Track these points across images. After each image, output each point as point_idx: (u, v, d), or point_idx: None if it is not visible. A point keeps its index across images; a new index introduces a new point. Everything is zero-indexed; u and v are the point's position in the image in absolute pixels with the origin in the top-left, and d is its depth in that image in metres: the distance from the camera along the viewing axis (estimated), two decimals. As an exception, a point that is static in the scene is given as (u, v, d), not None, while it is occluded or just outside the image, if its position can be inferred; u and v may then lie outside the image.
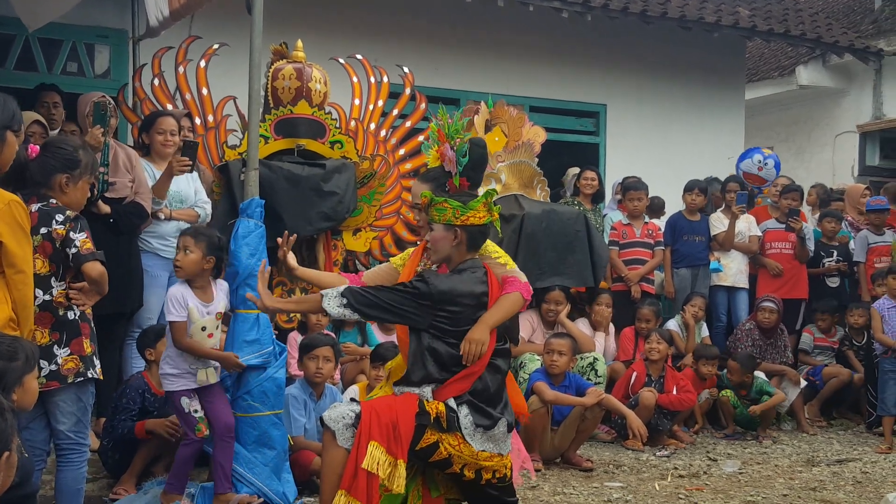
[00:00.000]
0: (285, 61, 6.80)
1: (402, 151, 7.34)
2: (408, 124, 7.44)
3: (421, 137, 7.35)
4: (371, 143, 7.13)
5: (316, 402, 5.66)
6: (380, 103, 7.26)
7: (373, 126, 7.19)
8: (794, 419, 8.29)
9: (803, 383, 8.35)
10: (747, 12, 11.52)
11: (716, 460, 6.84)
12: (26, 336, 3.74)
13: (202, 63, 6.75)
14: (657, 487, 5.97)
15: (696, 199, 8.96)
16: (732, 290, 9.06)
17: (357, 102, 7.18)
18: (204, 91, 6.73)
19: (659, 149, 11.10)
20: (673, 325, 8.39)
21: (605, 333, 8.04)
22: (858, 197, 10.20)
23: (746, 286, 9.10)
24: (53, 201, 4.09)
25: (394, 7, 9.67)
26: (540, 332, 7.59)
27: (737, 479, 6.28)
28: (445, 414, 4.05)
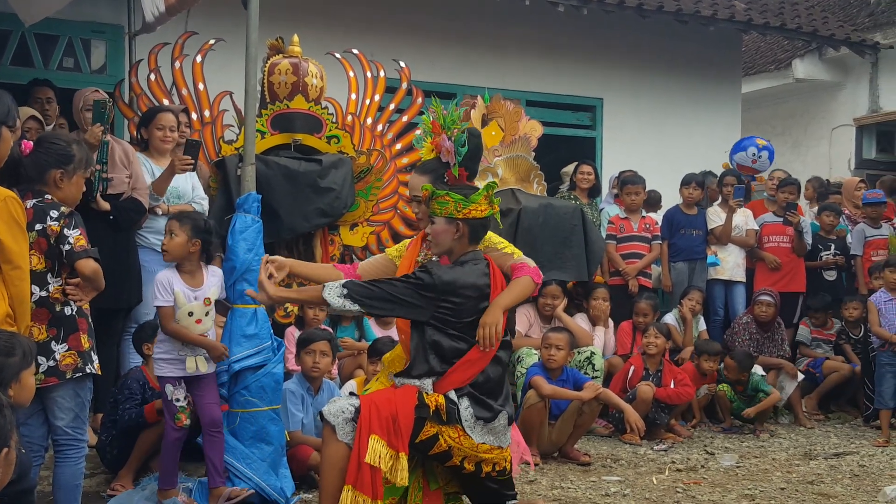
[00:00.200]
0: (281, 56, 6.80)
1: (399, 146, 7.34)
2: (404, 119, 7.44)
3: (417, 133, 7.37)
4: (368, 138, 7.13)
5: (313, 397, 5.65)
6: (376, 98, 7.26)
7: (369, 121, 7.19)
8: (792, 413, 8.30)
9: (800, 377, 8.36)
10: (743, 6, 11.51)
11: (713, 454, 6.85)
12: (23, 332, 3.74)
13: (198, 58, 6.74)
14: (655, 481, 5.97)
15: (693, 193, 8.96)
16: (729, 284, 9.06)
17: (353, 97, 7.18)
18: (200, 86, 6.72)
19: (655, 142, 11.10)
20: (670, 319, 8.39)
21: (605, 328, 8.04)
22: (853, 190, 10.22)
23: (743, 280, 9.10)
24: (48, 197, 4.07)
25: (390, 2, 9.65)
26: (537, 327, 7.59)
27: (734, 473, 6.28)
28: (445, 406, 4.05)
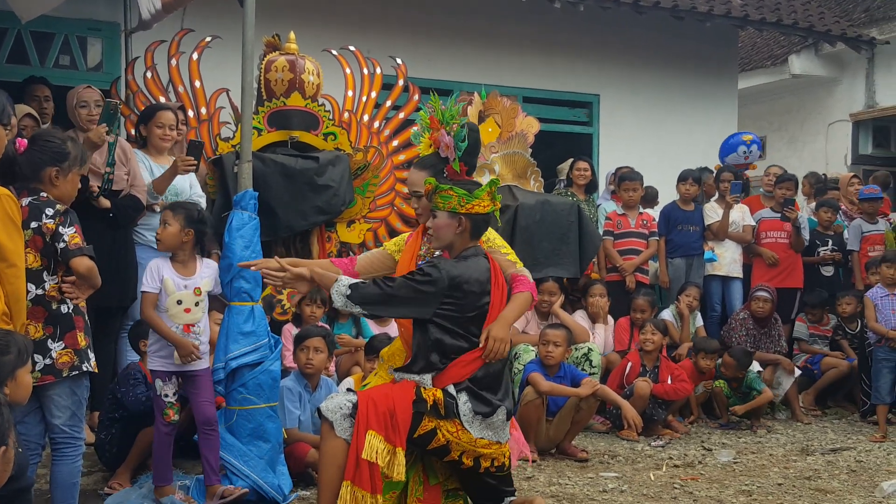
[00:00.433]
0: (278, 53, 6.80)
1: (396, 143, 7.34)
2: (401, 116, 7.44)
3: (414, 129, 7.37)
4: (364, 135, 7.13)
5: (311, 394, 5.64)
6: (373, 95, 7.26)
7: (366, 118, 7.19)
8: (789, 408, 8.30)
9: (797, 372, 8.37)
10: (739, 1, 11.49)
11: (710, 450, 6.85)
12: (19, 330, 3.73)
13: (195, 55, 6.74)
14: (652, 477, 5.98)
15: (691, 189, 8.96)
16: (727, 280, 9.07)
17: (350, 94, 7.18)
18: (197, 83, 6.72)
19: (652, 138, 11.10)
20: (667, 315, 8.39)
21: (604, 324, 8.04)
22: (846, 186, 10.23)
23: (741, 276, 9.10)
24: (44, 195, 4.07)
25: (386, -2, 9.66)
26: (534, 323, 7.59)
27: (731, 469, 6.29)
28: (443, 401, 4.06)
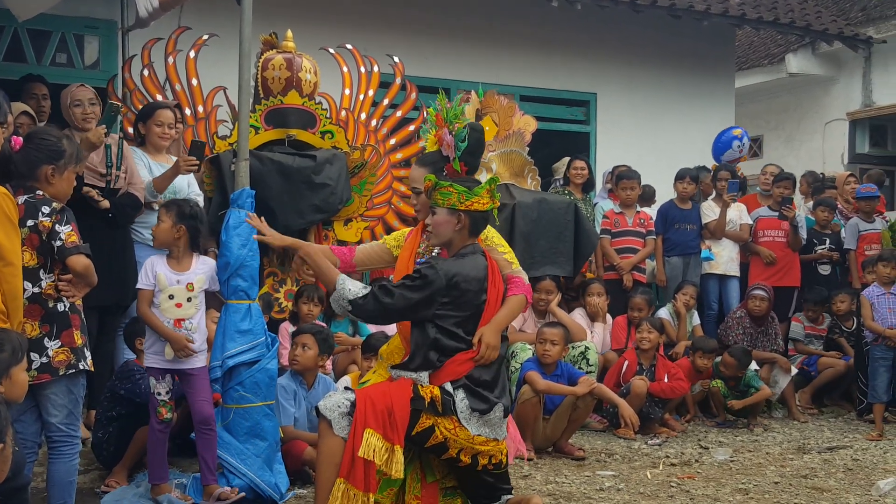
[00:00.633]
0: (275, 51, 6.78)
1: (393, 141, 7.33)
2: (398, 114, 7.43)
3: (412, 126, 7.37)
4: (362, 133, 7.12)
5: (307, 392, 5.64)
6: (370, 93, 7.25)
7: (363, 116, 7.18)
8: (786, 407, 8.30)
9: (794, 371, 8.37)
10: (736, 0, 11.51)
11: (707, 448, 6.85)
12: (15, 328, 3.73)
13: (192, 53, 6.73)
14: (649, 476, 5.98)
15: (688, 188, 8.96)
16: (724, 279, 9.08)
17: (347, 92, 7.17)
18: (193, 81, 6.71)
19: (650, 137, 11.11)
20: (664, 314, 8.39)
21: (603, 323, 8.04)
22: (843, 185, 10.23)
23: (738, 274, 9.11)
24: (40, 193, 4.07)
25: (384, -4, 9.65)
26: (531, 322, 7.59)
27: (728, 467, 6.29)
28: (441, 398, 4.07)
